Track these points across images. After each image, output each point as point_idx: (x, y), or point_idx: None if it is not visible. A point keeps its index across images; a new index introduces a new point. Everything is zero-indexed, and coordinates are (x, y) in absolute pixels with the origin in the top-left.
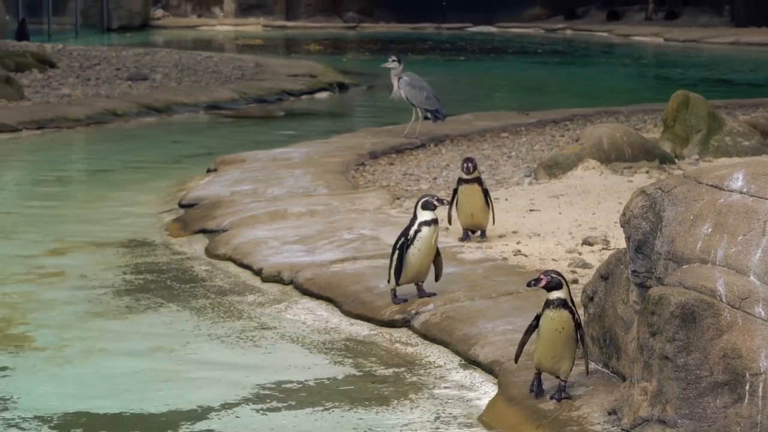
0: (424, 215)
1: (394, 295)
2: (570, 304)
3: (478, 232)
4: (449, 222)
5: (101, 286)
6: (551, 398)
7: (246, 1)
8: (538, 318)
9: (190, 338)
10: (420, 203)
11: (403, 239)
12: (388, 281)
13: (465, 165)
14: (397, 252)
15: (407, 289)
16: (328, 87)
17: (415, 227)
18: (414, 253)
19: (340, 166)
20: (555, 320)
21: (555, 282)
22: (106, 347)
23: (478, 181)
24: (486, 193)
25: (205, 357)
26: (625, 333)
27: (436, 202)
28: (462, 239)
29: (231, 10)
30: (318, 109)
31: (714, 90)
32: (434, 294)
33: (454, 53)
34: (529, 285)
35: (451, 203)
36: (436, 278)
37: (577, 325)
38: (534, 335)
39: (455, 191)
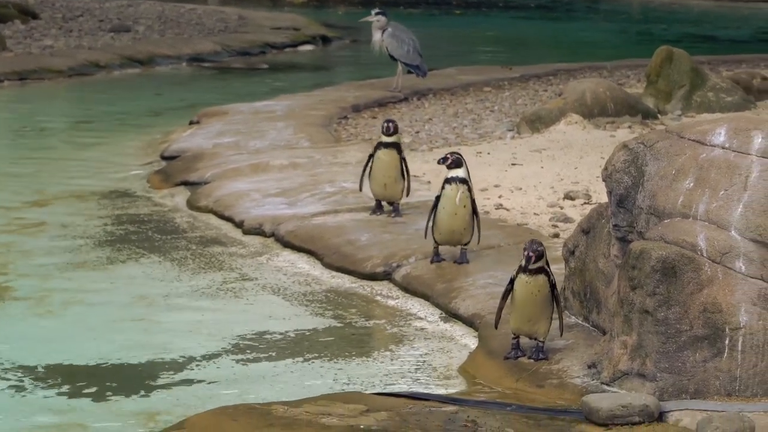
0: (449, 173)
1: (435, 254)
2: (546, 267)
3: (391, 206)
4: (360, 189)
5: (82, 237)
6: (528, 358)
7: None
8: (512, 282)
9: (171, 289)
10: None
11: (436, 197)
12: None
13: (385, 125)
14: (432, 210)
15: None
16: (312, 40)
17: (441, 185)
18: (440, 210)
19: (323, 119)
20: (530, 284)
21: (539, 253)
22: (86, 298)
23: (397, 147)
24: (403, 161)
25: (186, 307)
26: (605, 287)
27: (441, 161)
28: (373, 212)
29: None
30: (301, 62)
31: (698, 46)
32: (468, 261)
33: (445, 7)
34: (524, 270)
35: (364, 169)
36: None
37: (552, 286)
38: (509, 301)
39: (371, 156)
